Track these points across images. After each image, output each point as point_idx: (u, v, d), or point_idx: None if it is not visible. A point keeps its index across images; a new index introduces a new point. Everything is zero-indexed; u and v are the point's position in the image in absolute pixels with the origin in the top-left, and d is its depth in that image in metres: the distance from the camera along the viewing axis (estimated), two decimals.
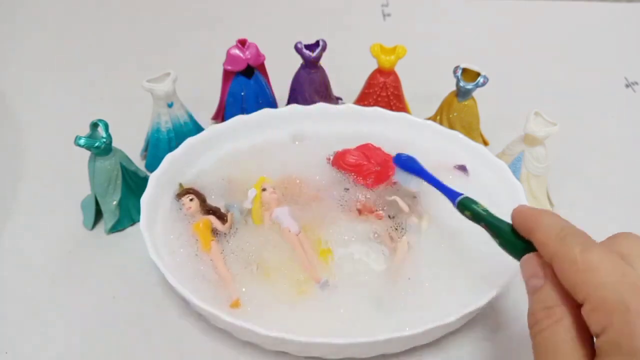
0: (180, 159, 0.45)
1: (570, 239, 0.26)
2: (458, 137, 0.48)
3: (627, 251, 0.26)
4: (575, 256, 0.25)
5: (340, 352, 0.35)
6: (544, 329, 0.26)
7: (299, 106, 0.50)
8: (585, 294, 0.24)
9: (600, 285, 0.24)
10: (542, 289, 0.27)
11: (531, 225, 0.29)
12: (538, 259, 0.28)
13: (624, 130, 0.59)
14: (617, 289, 0.23)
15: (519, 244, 0.30)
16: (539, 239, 0.28)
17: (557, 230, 0.27)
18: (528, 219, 0.29)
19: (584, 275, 0.25)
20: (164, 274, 0.36)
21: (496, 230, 0.32)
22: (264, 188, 0.43)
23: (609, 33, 0.75)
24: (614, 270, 0.24)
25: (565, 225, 0.28)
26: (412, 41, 0.54)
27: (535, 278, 0.27)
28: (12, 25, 0.74)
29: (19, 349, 0.38)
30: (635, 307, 0.22)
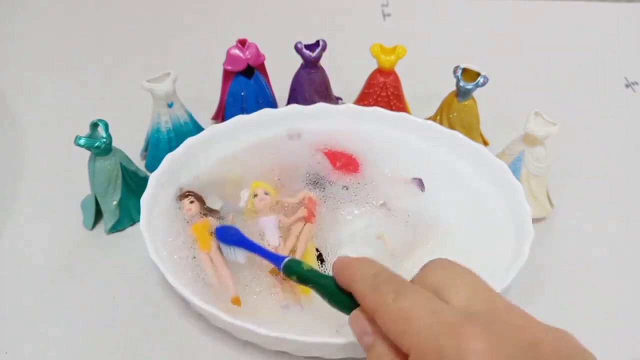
0: (180, 159, 0.45)
1: (383, 287, 0.26)
2: (458, 137, 0.48)
3: (440, 280, 0.26)
4: (389, 306, 0.25)
5: (340, 352, 0.35)
6: None
7: (299, 106, 0.50)
8: (408, 345, 0.24)
9: (416, 333, 0.24)
10: (373, 346, 0.26)
11: (349, 276, 0.28)
12: (364, 315, 0.27)
13: (624, 130, 0.59)
14: (431, 334, 0.23)
15: (345, 300, 0.29)
16: (357, 291, 0.27)
17: (371, 279, 0.27)
18: (346, 269, 0.28)
19: (401, 325, 0.24)
20: (164, 274, 0.36)
21: (322, 288, 0.31)
22: (255, 194, 0.43)
23: (609, 33, 0.75)
24: (426, 313, 0.24)
25: (379, 272, 0.27)
26: (412, 41, 0.54)
27: (365, 335, 0.27)
28: (12, 25, 0.74)
29: (19, 349, 0.38)
30: (450, 352, 0.22)
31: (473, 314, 0.24)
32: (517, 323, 0.24)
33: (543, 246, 0.45)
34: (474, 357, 0.22)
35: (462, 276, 0.26)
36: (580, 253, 0.45)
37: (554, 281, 0.43)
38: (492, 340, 0.22)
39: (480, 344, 0.22)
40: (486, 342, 0.22)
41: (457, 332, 0.23)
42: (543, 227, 0.47)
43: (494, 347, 0.22)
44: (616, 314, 0.41)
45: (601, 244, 0.46)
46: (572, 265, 0.44)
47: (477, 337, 0.22)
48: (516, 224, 0.41)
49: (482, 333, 0.22)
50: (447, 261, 0.27)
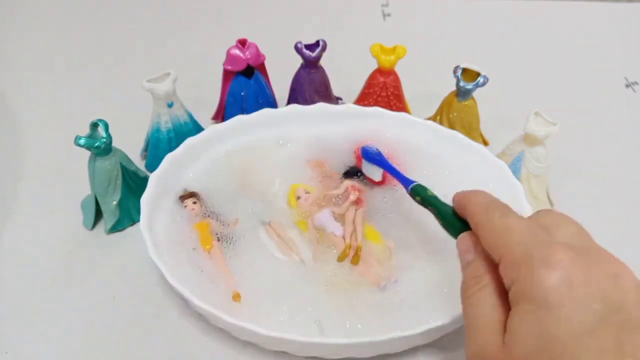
0: (180, 159, 0.45)
1: (493, 209, 0.29)
2: (458, 137, 0.48)
3: (547, 220, 0.28)
4: (494, 221, 0.28)
5: (340, 352, 0.35)
6: (472, 294, 0.28)
7: (298, 106, 0.50)
8: (501, 253, 0.26)
9: (513, 243, 0.26)
10: (473, 261, 0.29)
11: (464, 202, 0.31)
12: (471, 237, 0.30)
13: (624, 130, 0.59)
14: (525, 245, 0.25)
15: (458, 224, 0.32)
16: (469, 211, 0.30)
17: (484, 203, 0.30)
18: (464, 198, 0.32)
19: (500, 237, 0.27)
20: (164, 274, 0.36)
21: (440, 212, 0.34)
22: (298, 196, 0.44)
23: (609, 33, 0.75)
24: (525, 231, 0.26)
25: (491, 199, 0.30)
26: (412, 41, 0.54)
27: (467, 253, 0.29)
28: (12, 25, 0.74)
29: (19, 349, 0.38)
30: (538, 257, 0.24)
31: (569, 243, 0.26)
32: (607, 259, 0.26)
33: None
34: (558, 264, 0.24)
35: (568, 222, 0.28)
36: None
37: None
38: (579, 259, 0.24)
39: (567, 256, 0.24)
40: (574, 258, 0.24)
41: (549, 246, 0.25)
42: None
43: (579, 264, 0.24)
44: None
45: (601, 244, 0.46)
46: None
47: (566, 252, 0.24)
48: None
49: (572, 251, 0.24)
50: (556, 212, 0.29)
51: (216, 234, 0.42)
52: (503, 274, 0.26)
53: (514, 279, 0.25)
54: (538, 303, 0.23)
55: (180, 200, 0.43)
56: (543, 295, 0.23)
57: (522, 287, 0.24)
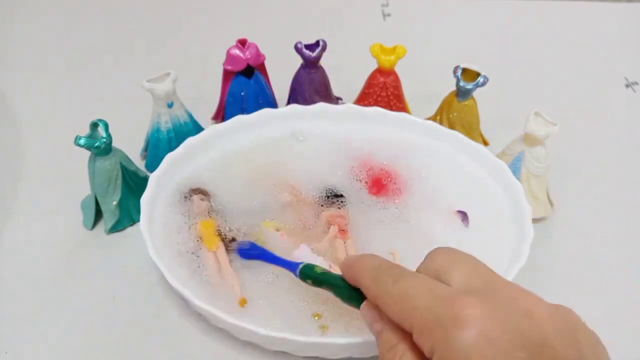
0: (180, 159, 0.45)
1: (384, 276, 0.27)
2: (458, 137, 0.48)
3: (441, 264, 0.27)
4: (389, 290, 0.26)
5: (340, 352, 0.35)
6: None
7: (299, 106, 0.50)
8: (409, 323, 0.25)
9: (415, 309, 0.25)
10: (382, 331, 0.27)
11: (355, 272, 0.30)
12: (373, 305, 0.28)
13: (624, 130, 0.59)
14: (429, 309, 0.24)
15: (357, 295, 0.30)
16: (361, 283, 0.29)
17: (373, 271, 0.28)
18: (352, 266, 0.30)
19: (401, 305, 0.26)
20: (164, 274, 0.36)
21: (335, 287, 0.32)
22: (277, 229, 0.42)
23: (609, 33, 0.75)
24: (423, 290, 0.25)
25: (379, 264, 0.29)
26: (412, 41, 0.54)
27: (375, 323, 0.28)
28: (12, 25, 0.74)
29: (19, 349, 0.38)
30: (446, 318, 0.23)
31: (470, 290, 0.25)
32: (513, 295, 0.25)
33: (543, 246, 0.45)
34: (470, 321, 0.23)
35: (462, 260, 0.27)
36: (580, 253, 0.45)
37: (554, 281, 0.43)
38: (487, 307, 0.23)
39: (476, 309, 0.23)
40: (481, 308, 0.23)
41: (453, 302, 0.24)
42: (543, 227, 0.47)
43: (489, 313, 0.23)
44: (616, 314, 0.41)
45: (601, 244, 0.46)
46: (572, 265, 0.44)
47: (472, 304, 0.23)
48: (516, 224, 0.41)
49: (478, 301, 0.23)
50: (449, 248, 0.28)
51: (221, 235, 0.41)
52: (420, 343, 0.25)
53: (432, 348, 0.24)
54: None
55: (189, 194, 0.43)
56: (465, 358, 0.22)
57: (444, 354, 0.23)
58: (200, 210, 0.42)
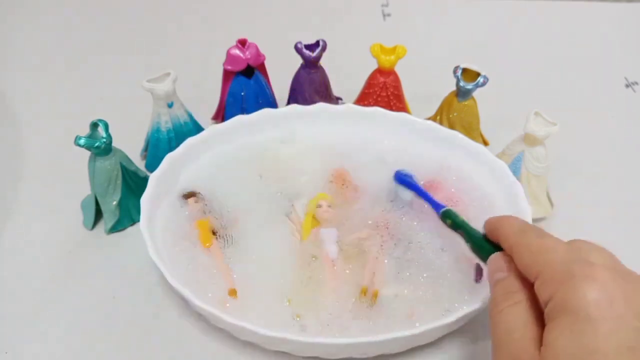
0: (180, 159, 0.45)
1: (529, 230, 0.30)
2: (458, 137, 0.47)
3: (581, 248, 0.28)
4: (531, 241, 0.29)
5: (340, 352, 0.35)
6: (502, 309, 0.28)
7: (299, 106, 0.50)
8: (538, 271, 0.27)
9: (551, 261, 0.27)
10: (505, 279, 0.29)
11: (497, 226, 0.32)
12: (503, 257, 0.31)
13: (624, 130, 0.59)
14: (566, 263, 0.26)
15: (488, 247, 0.33)
16: (503, 233, 0.31)
17: (519, 226, 0.31)
18: (497, 221, 0.33)
19: (537, 256, 0.27)
20: (164, 274, 0.36)
21: (471, 236, 0.36)
22: (319, 205, 0.43)
23: (609, 33, 0.75)
24: (563, 250, 0.27)
25: (526, 223, 0.32)
26: (412, 41, 0.54)
27: (499, 272, 0.30)
28: (12, 25, 0.74)
29: (19, 349, 0.38)
30: (579, 273, 0.25)
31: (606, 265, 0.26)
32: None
33: None
34: (598, 282, 0.24)
35: (600, 249, 0.28)
36: None
37: None
38: (618, 279, 0.25)
39: (607, 275, 0.25)
40: (613, 277, 0.25)
41: (589, 265, 0.25)
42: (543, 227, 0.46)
43: (618, 283, 0.24)
44: None
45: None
46: None
47: (604, 272, 0.25)
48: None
49: (611, 272, 0.25)
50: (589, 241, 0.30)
51: (215, 232, 0.42)
52: (539, 290, 0.26)
53: (552, 294, 0.25)
54: (578, 316, 0.24)
55: (183, 198, 0.44)
56: (584, 309, 0.24)
57: (562, 301, 0.25)
58: (196, 211, 0.43)
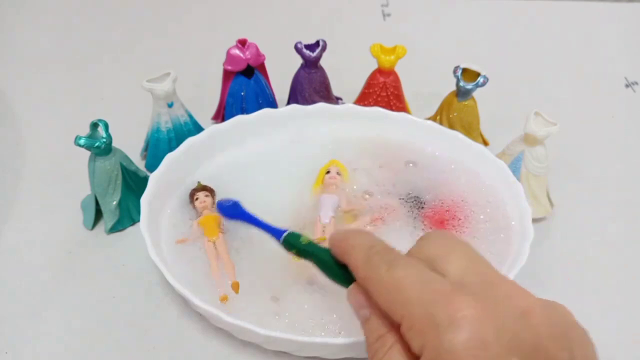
0: (180, 159, 0.45)
1: (377, 259, 0.26)
2: (458, 137, 0.48)
3: (436, 251, 0.26)
4: (382, 277, 0.25)
5: (340, 352, 0.35)
6: (380, 358, 0.25)
7: (299, 106, 0.50)
8: (399, 314, 0.24)
9: (408, 301, 0.23)
10: (370, 319, 0.26)
11: (344, 248, 0.28)
12: (361, 290, 0.27)
13: (624, 130, 0.59)
14: (422, 303, 0.23)
15: (343, 275, 0.28)
16: (351, 263, 0.27)
17: (365, 251, 0.27)
18: (342, 241, 0.28)
19: (393, 295, 0.24)
20: (164, 274, 0.36)
21: (321, 261, 0.30)
22: (328, 170, 0.45)
23: (609, 33, 0.75)
24: (418, 282, 0.24)
25: (373, 244, 0.27)
26: (412, 41, 0.54)
27: (362, 309, 0.27)
28: (12, 25, 0.74)
29: (19, 349, 0.38)
30: (441, 320, 0.22)
31: (465, 285, 0.24)
32: (509, 293, 0.24)
33: (543, 246, 0.45)
34: (464, 324, 0.22)
35: (457, 248, 0.26)
36: (580, 253, 0.45)
37: (554, 281, 0.43)
38: (482, 308, 0.22)
39: (471, 311, 0.22)
40: (477, 309, 0.22)
41: (448, 300, 0.23)
42: (543, 227, 0.47)
43: (484, 314, 0.22)
44: (616, 314, 0.41)
45: (601, 244, 0.46)
46: (572, 265, 0.44)
47: (467, 304, 0.22)
48: (516, 224, 0.41)
49: (473, 301, 0.22)
50: (444, 233, 0.27)
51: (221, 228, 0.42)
52: (407, 337, 0.24)
53: (421, 346, 0.23)
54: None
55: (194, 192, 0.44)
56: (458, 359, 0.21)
57: (434, 354, 0.22)
58: (203, 206, 0.43)
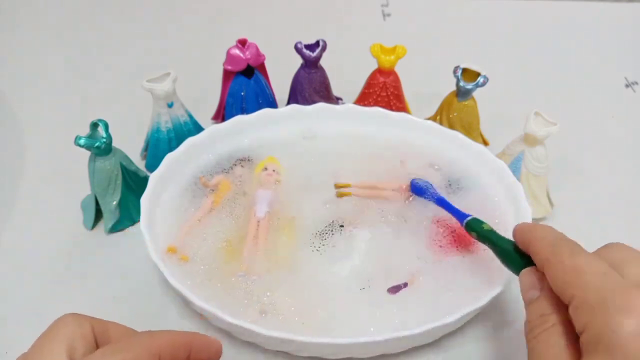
0: (180, 159, 0.45)
1: (561, 246, 0.28)
2: (458, 137, 0.48)
3: (617, 257, 0.27)
4: (564, 260, 0.27)
5: (340, 352, 0.35)
6: (539, 334, 0.27)
7: (299, 106, 0.50)
8: (571, 295, 0.26)
9: (584, 285, 0.25)
10: (538, 299, 0.28)
11: (528, 237, 0.31)
12: (535, 273, 0.30)
13: (624, 130, 0.59)
14: (598, 288, 0.25)
15: (519, 260, 0.32)
16: (534, 247, 0.30)
17: (551, 239, 0.29)
18: (526, 232, 0.31)
19: (571, 277, 0.26)
20: (164, 274, 0.36)
21: (499, 248, 0.34)
22: (265, 167, 0.46)
23: (609, 33, 0.75)
24: (597, 272, 0.25)
25: (558, 236, 0.30)
26: (412, 41, 0.54)
27: (532, 290, 0.29)
28: (12, 25, 0.74)
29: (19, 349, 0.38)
30: (614, 302, 0.23)
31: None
32: None
33: None
34: (636, 311, 0.23)
35: (638, 258, 0.27)
36: None
37: None
38: None
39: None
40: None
41: (624, 291, 0.24)
42: None
43: None
44: None
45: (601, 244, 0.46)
46: None
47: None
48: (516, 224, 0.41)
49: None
50: (626, 245, 0.29)
51: None
52: (574, 316, 0.25)
53: (586, 323, 0.24)
54: (615, 353, 0.22)
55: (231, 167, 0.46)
56: (620, 345, 0.22)
57: (597, 334, 0.23)
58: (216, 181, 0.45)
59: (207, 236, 0.41)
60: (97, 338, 0.28)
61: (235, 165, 0.47)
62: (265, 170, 0.46)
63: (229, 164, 0.47)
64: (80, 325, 0.27)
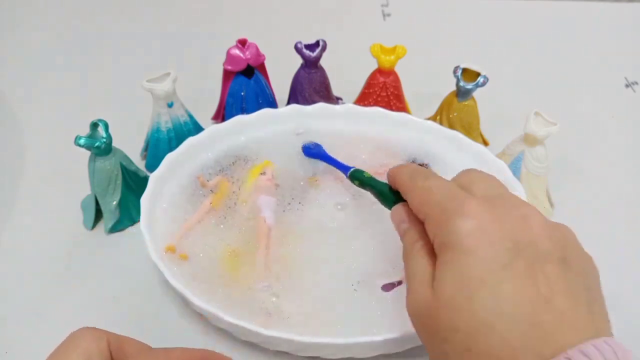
0: (180, 159, 0.45)
1: (417, 174, 0.32)
2: (458, 137, 0.48)
3: (466, 179, 0.30)
4: (417, 184, 0.31)
5: (340, 352, 0.35)
6: (411, 257, 0.30)
7: (299, 106, 0.50)
8: (425, 213, 0.29)
9: (433, 202, 0.29)
10: (408, 229, 0.31)
11: (394, 174, 0.34)
12: (404, 207, 0.32)
13: (624, 130, 0.59)
14: (440, 203, 0.28)
15: (393, 198, 0.35)
16: (398, 181, 0.33)
17: (410, 172, 0.32)
18: (393, 171, 0.34)
19: (422, 197, 0.30)
20: (164, 274, 0.36)
21: (377, 190, 0.37)
22: (263, 172, 0.45)
23: (609, 33, 0.75)
24: (444, 189, 0.29)
25: (416, 168, 0.33)
26: (412, 41, 0.54)
27: (402, 223, 0.32)
28: (12, 25, 0.74)
29: (19, 349, 0.38)
30: (452, 210, 0.27)
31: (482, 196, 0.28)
32: (515, 203, 0.28)
33: None
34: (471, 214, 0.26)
35: (484, 177, 0.30)
36: None
37: None
38: (490, 208, 0.27)
39: (479, 207, 0.26)
40: (484, 207, 0.26)
41: (463, 201, 0.27)
42: None
43: (490, 211, 0.26)
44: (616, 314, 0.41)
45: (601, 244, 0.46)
46: None
47: (477, 204, 0.27)
48: None
49: (483, 202, 0.27)
50: (481, 171, 0.31)
51: None
52: (428, 230, 0.28)
53: (435, 233, 0.27)
54: (456, 250, 0.26)
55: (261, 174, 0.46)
56: (460, 242, 0.26)
57: (443, 239, 0.27)
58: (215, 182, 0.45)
59: (208, 237, 0.41)
60: (113, 354, 0.28)
61: (235, 166, 0.46)
62: (264, 175, 0.46)
63: (229, 164, 0.47)
64: (98, 339, 0.28)
